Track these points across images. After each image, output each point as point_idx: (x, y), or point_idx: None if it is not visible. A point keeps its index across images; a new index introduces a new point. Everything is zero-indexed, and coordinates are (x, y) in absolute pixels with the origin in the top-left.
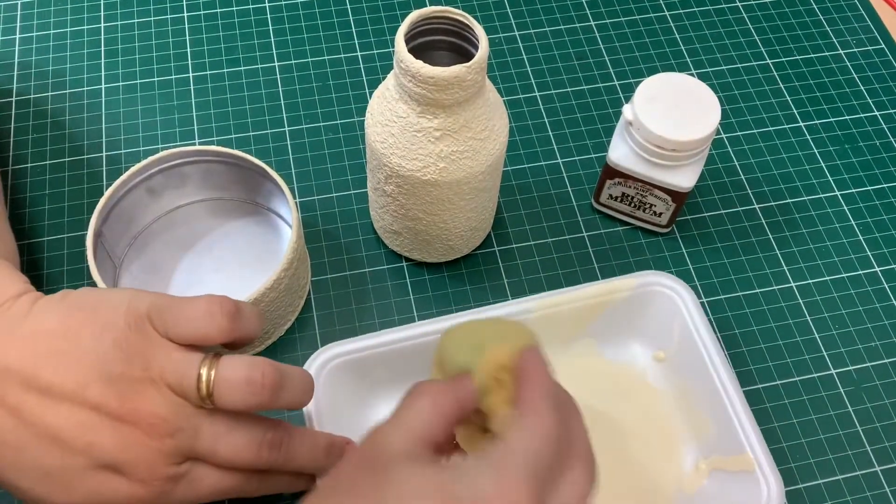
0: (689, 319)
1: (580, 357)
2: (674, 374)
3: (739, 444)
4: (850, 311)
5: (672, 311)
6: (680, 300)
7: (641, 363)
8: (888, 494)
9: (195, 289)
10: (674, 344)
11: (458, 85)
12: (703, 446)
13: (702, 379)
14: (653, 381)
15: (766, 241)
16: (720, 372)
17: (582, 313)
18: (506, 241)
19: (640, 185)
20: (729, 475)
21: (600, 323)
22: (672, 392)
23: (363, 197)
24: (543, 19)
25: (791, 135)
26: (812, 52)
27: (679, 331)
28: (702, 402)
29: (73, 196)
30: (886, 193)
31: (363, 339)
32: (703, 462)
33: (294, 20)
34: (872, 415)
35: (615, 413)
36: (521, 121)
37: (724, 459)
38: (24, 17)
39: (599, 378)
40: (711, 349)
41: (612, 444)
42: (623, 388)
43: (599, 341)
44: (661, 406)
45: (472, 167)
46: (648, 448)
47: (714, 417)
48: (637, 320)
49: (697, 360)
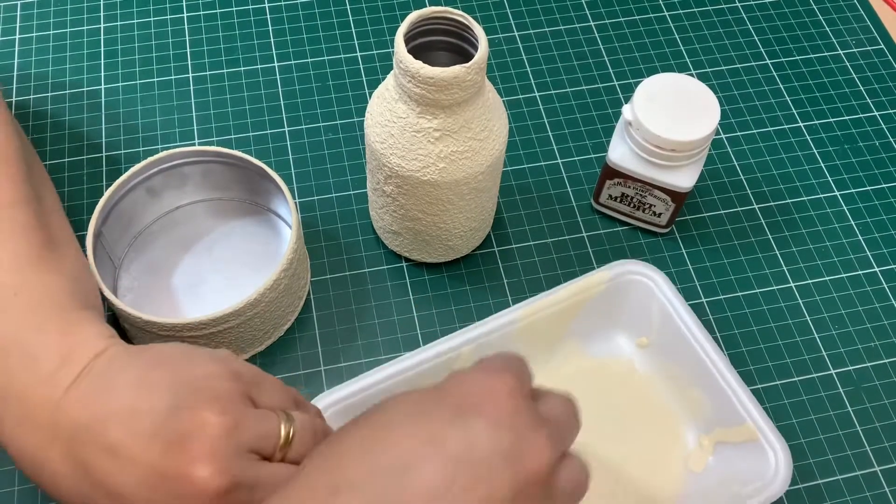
0: (665, 302)
1: (567, 359)
2: (660, 356)
3: (737, 414)
4: (849, 311)
5: (648, 296)
6: (654, 285)
7: (627, 353)
8: (888, 494)
9: (195, 289)
10: (654, 328)
11: (458, 85)
12: (701, 422)
13: (688, 356)
14: (640, 368)
15: (766, 241)
16: (705, 347)
17: (563, 314)
18: (505, 241)
19: (639, 185)
20: (734, 447)
21: (581, 320)
22: (661, 375)
23: (363, 197)
24: (543, 19)
25: (791, 135)
26: (812, 52)
27: (658, 314)
28: (692, 379)
29: (72, 196)
30: (886, 194)
31: (363, 378)
32: (705, 438)
33: (294, 20)
34: (872, 415)
35: (611, 406)
36: (521, 121)
37: (726, 431)
38: (23, 17)
39: (589, 375)
40: (692, 326)
41: (613, 436)
42: (614, 380)
43: (583, 339)
44: (653, 391)
45: (472, 167)
46: (650, 434)
47: (707, 392)
48: (616, 311)
49: (680, 340)
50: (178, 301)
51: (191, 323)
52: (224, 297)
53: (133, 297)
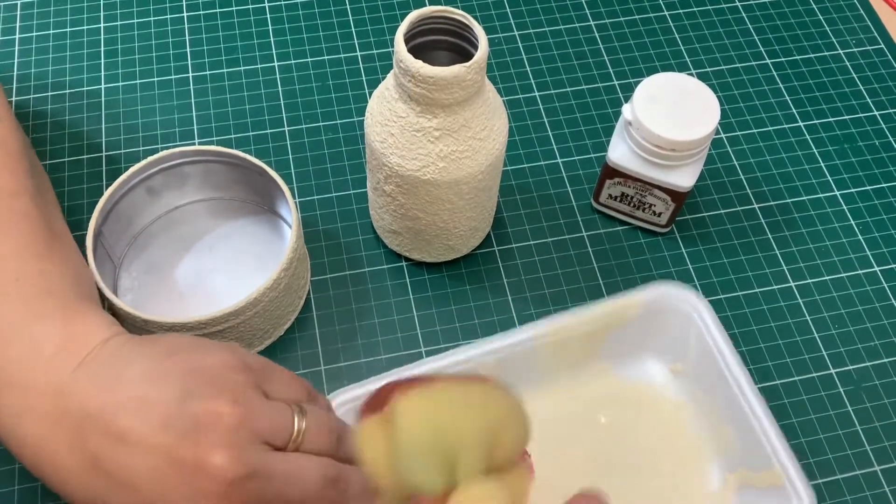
0: (704, 330)
1: (595, 378)
2: (692, 386)
3: (766, 457)
4: (849, 310)
5: (686, 322)
6: (693, 311)
7: (658, 378)
8: (888, 494)
9: (195, 289)
10: (690, 356)
11: (458, 85)
12: (728, 459)
13: (722, 390)
14: (670, 395)
15: (766, 240)
16: (741, 382)
17: (594, 333)
18: (505, 240)
19: (639, 184)
20: (758, 492)
21: (612, 340)
22: (692, 405)
23: (363, 197)
24: (543, 19)
25: (791, 135)
26: (812, 52)
27: (695, 342)
28: (723, 414)
29: (72, 196)
30: (886, 193)
31: (372, 381)
32: (730, 476)
33: (294, 20)
34: (872, 414)
35: (636, 432)
36: (521, 121)
37: (752, 475)
38: (23, 17)
39: (617, 398)
40: (730, 359)
41: (635, 464)
42: (642, 405)
43: (613, 359)
44: (682, 421)
45: (472, 167)
46: (673, 464)
47: (737, 429)
48: (651, 334)
49: (715, 372)
50: (179, 300)
51: (191, 322)
52: (224, 296)
53: (133, 296)
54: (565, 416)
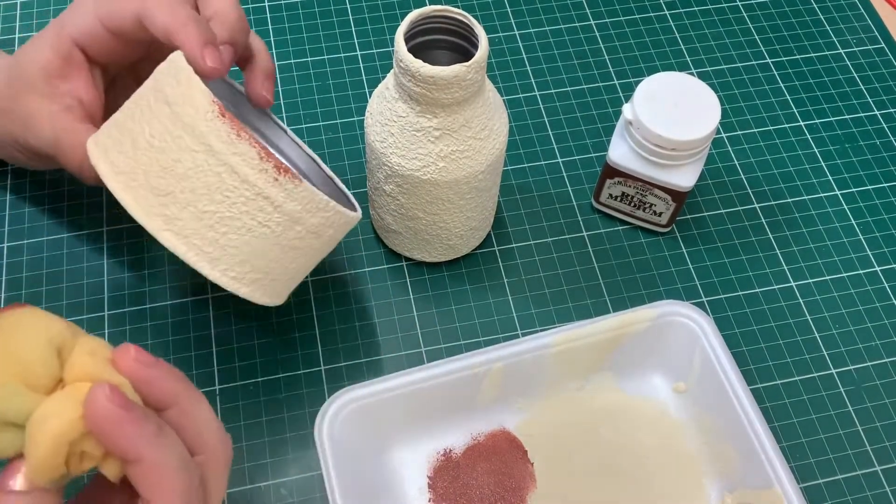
0: (709, 350)
1: (599, 391)
2: (695, 405)
3: (766, 477)
4: (850, 310)
5: (691, 341)
6: (699, 330)
7: (661, 395)
8: (888, 494)
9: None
10: (694, 375)
11: (458, 84)
12: (727, 480)
13: (724, 409)
14: (674, 413)
15: (766, 240)
16: (744, 403)
17: (600, 346)
18: (506, 240)
19: (639, 184)
20: None
21: (618, 355)
22: (694, 423)
23: (363, 196)
24: (543, 19)
25: (791, 134)
26: (812, 51)
27: (700, 361)
28: (725, 433)
29: (72, 196)
30: (886, 193)
31: (377, 382)
32: (729, 496)
33: (294, 20)
34: (872, 414)
35: (637, 447)
36: (521, 120)
37: (751, 493)
38: (23, 16)
39: (619, 412)
40: (734, 379)
41: (634, 478)
42: (644, 421)
43: (617, 374)
44: (683, 438)
45: (472, 167)
46: (672, 481)
47: (738, 449)
48: (656, 351)
49: (719, 391)
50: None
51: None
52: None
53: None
54: (568, 425)
